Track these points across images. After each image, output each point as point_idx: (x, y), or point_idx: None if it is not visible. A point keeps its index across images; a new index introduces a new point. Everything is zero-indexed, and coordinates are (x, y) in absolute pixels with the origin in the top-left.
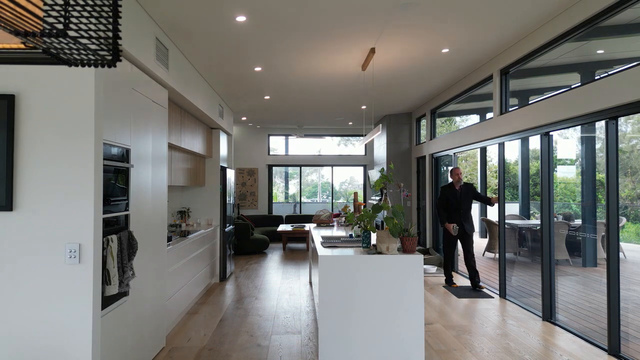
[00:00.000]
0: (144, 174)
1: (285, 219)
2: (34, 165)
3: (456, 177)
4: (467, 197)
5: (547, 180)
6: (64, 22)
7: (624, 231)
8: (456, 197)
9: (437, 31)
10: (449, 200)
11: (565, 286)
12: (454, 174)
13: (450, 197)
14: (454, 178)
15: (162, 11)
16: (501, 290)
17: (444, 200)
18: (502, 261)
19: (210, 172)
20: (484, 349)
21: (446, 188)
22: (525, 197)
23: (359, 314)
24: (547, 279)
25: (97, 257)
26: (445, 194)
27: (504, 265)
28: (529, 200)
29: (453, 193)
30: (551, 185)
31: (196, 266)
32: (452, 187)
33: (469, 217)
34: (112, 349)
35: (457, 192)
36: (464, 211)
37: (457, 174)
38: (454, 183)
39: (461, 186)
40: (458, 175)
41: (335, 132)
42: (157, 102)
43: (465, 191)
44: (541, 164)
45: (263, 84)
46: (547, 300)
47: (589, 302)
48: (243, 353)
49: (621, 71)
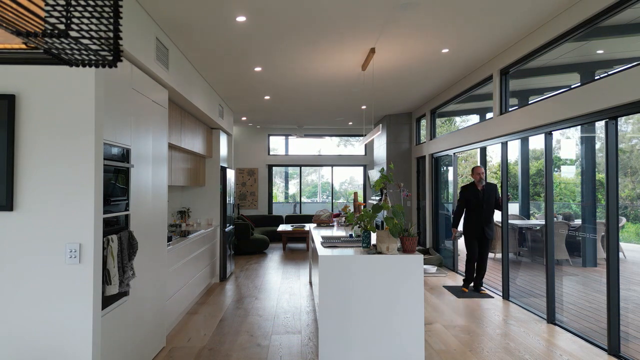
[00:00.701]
0: (144, 174)
1: (285, 219)
2: (34, 165)
3: (477, 176)
4: (489, 198)
5: (550, 180)
6: (66, 23)
7: (624, 231)
8: (477, 198)
9: (437, 31)
10: (470, 202)
11: (565, 286)
12: (475, 173)
13: (471, 198)
14: (475, 177)
15: (162, 11)
16: (504, 291)
17: (464, 202)
18: (505, 262)
19: (210, 172)
20: (483, 348)
21: (466, 188)
22: (525, 197)
23: (359, 314)
24: (551, 280)
25: (97, 257)
26: (466, 195)
27: (507, 266)
28: (529, 200)
29: (474, 194)
30: (550, 185)
31: (196, 266)
32: (473, 187)
33: (491, 220)
34: (112, 349)
35: (479, 193)
36: (485, 213)
37: (479, 173)
38: (476, 183)
39: (483, 186)
40: (480, 175)
41: (335, 132)
42: (157, 102)
43: (487, 192)
44: (546, 163)
45: (263, 84)
46: (551, 301)
47: (589, 302)
48: (243, 353)
49: (621, 71)
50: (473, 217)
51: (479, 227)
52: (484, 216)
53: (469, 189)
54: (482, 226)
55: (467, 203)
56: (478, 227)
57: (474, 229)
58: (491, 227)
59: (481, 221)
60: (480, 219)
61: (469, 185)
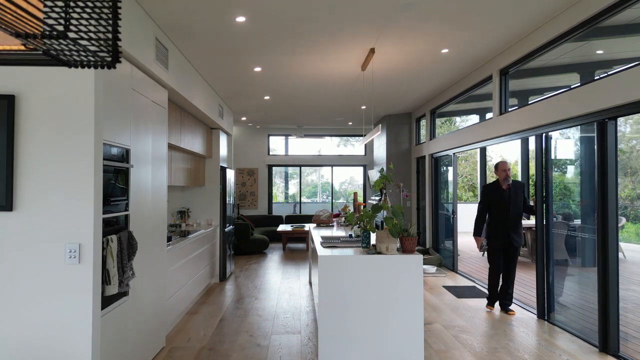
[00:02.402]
0: (143, 174)
1: (285, 219)
2: (34, 166)
3: (503, 173)
4: (517, 198)
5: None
6: (64, 24)
7: (624, 231)
8: (503, 199)
9: (436, 31)
10: (494, 204)
11: (564, 286)
12: (499, 170)
13: (496, 199)
14: (500, 175)
15: (162, 11)
16: (539, 306)
17: (487, 204)
18: (542, 273)
19: (210, 172)
20: (483, 348)
21: (489, 188)
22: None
23: (359, 314)
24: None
25: (97, 257)
26: (489, 196)
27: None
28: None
29: (499, 194)
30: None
31: (196, 266)
32: (497, 186)
33: (519, 225)
34: (112, 349)
35: (505, 193)
36: (513, 217)
37: (504, 170)
38: (500, 181)
39: (509, 185)
40: (505, 172)
41: (335, 132)
42: (157, 102)
43: (514, 191)
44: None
45: (263, 84)
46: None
47: (587, 302)
48: (243, 353)
49: (621, 71)
50: (498, 222)
51: (505, 233)
52: (511, 220)
53: (492, 189)
54: (509, 232)
55: (490, 206)
56: (504, 233)
57: (500, 236)
58: (519, 233)
59: (508, 227)
60: (506, 224)
61: (492, 184)
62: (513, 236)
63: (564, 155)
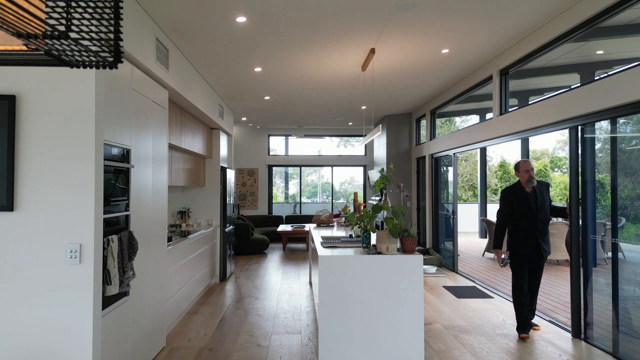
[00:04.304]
0: (144, 174)
1: (285, 219)
2: (34, 166)
3: (526, 174)
4: (543, 202)
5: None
6: (66, 24)
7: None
8: (527, 203)
9: (437, 32)
10: (517, 210)
11: (564, 287)
12: (522, 170)
13: (520, 204)
14: (523, 176)
15: (163, 12)
16: (573, 326)
17: (508, 212)
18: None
19: (210, 172)
20: (483, 348)
21: (511, 193)
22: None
23: (359, 314)
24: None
25: (97, 257)
26: (510, 201)
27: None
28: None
29: (523, 198)
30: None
31: (196, 266)
32: (519, 189)
33: (547, 232)
34: (112, 349)
35: (530, 197)
36: (541, 223)
37: (528, 170)
38: (523, 183)
39: (534, 187)
40: (529, 172)
41: (335, 132)
42: (157, 103)
43: (540, 194)
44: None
45: (263, 84)
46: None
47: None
48: (243, 353)
49: (621, 71)
50: (524, 230)
51: (533, 242)
52: (539, 227)
53: (514, 193)
54: (537, 241)
55: (513, 212)
56: (531, 242)
57: (526, 246)
58: (547, 241)
59: (535, 235)
60: (534, 232)
61: (514, 187)
62: (542, 244)
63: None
